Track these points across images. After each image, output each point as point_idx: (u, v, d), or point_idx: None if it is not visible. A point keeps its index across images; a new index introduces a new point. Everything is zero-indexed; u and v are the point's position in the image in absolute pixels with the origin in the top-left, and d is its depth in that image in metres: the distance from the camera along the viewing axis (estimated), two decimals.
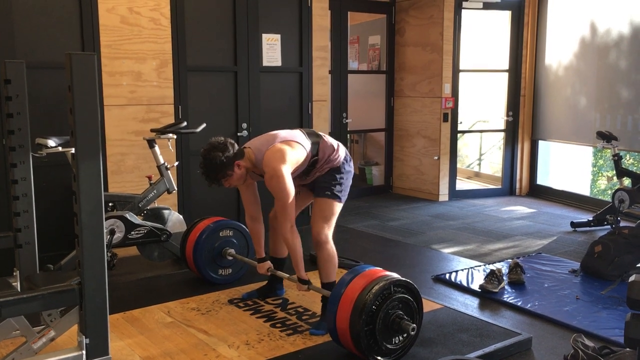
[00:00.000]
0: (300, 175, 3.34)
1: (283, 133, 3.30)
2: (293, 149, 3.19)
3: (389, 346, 2.86)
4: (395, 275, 2.94)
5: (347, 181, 3.41)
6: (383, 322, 2.82)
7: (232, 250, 4.01)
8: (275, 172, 3.10)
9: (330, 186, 3.32)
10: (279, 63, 5.48)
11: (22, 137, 2.88)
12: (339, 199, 3.34)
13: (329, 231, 3.30)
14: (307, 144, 3.28)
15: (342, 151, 3.42)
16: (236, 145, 3.20)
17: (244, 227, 4.04)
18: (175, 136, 4.52)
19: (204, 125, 4.57)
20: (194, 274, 4.13)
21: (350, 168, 3.44)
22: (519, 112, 7.28)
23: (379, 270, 2.99)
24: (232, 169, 3.14)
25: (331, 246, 3.30)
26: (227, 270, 4.06)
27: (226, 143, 3.15)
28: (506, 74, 7.28)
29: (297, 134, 3.30)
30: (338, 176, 3.36)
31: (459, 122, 7.17)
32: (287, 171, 3.12)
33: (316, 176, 3.38)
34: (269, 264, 3.58)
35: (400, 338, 2.90)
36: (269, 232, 3.66)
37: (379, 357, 2.85)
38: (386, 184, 7.74)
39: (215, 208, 5.03)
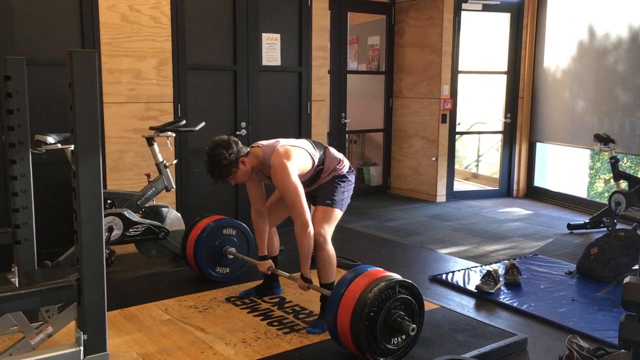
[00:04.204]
0: (304, 183, 3.37)
1: (292, 140, 3.40)
2: (300, 153, 3.29)
3: (388, 346, 2.88)
4: (396, 275, 2.96)
5: (349, 192, 3.48)
6: (384, 322, 2.83)
7: (232, 249, 4.01)
8: (280, 166, 3.16)
9: (331, 195, 3.37)
10: (278, 62, 5.49)
11: (21, 134, 2.88)
12: (340, 207, 3.40)
13: (329, 233, 3.32)
14: (315, 153, 3.37)
15: (346, 163, 3.52)
16: (240, 142, 3.25)
17: (246, 226, 4.05)
18: (174, 134, 4.54)
19: (203, 123, 4.59)
20: (191, 271, 4.14)
21: (352, 180, 3.51)
22: (517, 114, 7.30)
23: (381, 271, 3.00)
24: (236, 166, 3.20)
25: (330, 247, 3.32)
26: (225, 269, 4.06)
27: (229, 141, 3.20)
28: (505, 76, 7.30)
29: (305, 143, 3.40)
30: (341, 184, 3.42)
31: (457, 123, 7.19)
32: (292, 167, 3.18)
33: (320, 183, 3.43)
34: (270, 262, 3.60)
35: (401, 339, 2.91)
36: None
37: (378, 357, 2.86)
38: (384, 184, 7.76)
39: (214, 206, 5.04)
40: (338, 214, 3.38)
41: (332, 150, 3.50)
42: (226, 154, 3.15)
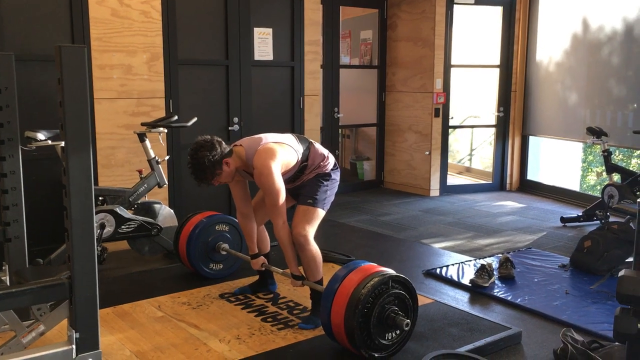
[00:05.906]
0: (287, 180, 3.33)
1: (276, 135, 3.32)
2: (284, 150, 3.21)
3: (383, 341, 2.87)
4: (390, 270, 2.95)
5: (332, 190, 3.39)
6: (378, 317, 2.83)
7: (225, 245, 3.99)
8: (264, 168, 3.10)
9: (314, 195, 3.29)
10: (270, 57, 5.46)
11: (11, 130, 2.85)
12: (322, 207, 3.32)
13: (310, 233, 3.24)
14: (299, 148, 3.30)
15: (331, 159, 3.43)
16: (223, 143, 3.18)
17: None
18: (166, 130, 4.51)
19: (195, 119, 4.56)
20: (184, 268, 4.12)
21: (337, 177, 3.42)
22: (509, 107, 7.31)
23: (374, 266, 2.99)
24: (220, 167, 3.13)
25: (313, 247, 3.25)
26: (218, 265, 4.05)
27: (213, 141, 3.12)
28: (497, 70, 7.30)
29: (289, 138, 3.33)
30: (325, 182, 3.34)
31: (450, 117, 7.18)
32: (276, 168, 3.12)
33: (303, 180, 3.37)
34: (262, 259, 3.57)
35: (395, 334, 2.91)
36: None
37: (373, 353, 2.86)
38: (377, 178, 7.75)
39: (206, 202, 5.02)
40: (320, 213, 3.31)
41: (317, 145, 3.41)
42: (209, 156, 3.07)
